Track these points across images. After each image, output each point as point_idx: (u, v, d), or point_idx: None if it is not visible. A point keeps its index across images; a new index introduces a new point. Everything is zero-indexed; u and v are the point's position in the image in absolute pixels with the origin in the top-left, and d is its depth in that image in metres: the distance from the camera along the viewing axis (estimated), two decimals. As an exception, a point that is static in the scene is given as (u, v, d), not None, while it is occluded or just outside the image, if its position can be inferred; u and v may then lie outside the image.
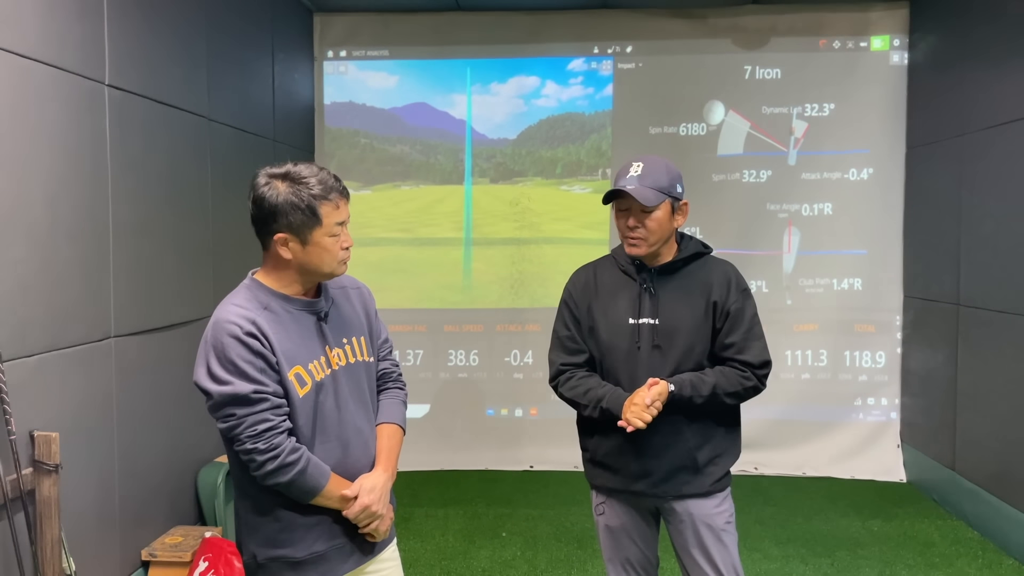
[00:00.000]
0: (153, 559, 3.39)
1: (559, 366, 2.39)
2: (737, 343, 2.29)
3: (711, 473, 2.33)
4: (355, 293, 2.08)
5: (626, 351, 2.30)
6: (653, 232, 2.25)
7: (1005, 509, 4.12)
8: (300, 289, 1.92)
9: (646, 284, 2.32)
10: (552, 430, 5.56)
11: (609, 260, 2.44)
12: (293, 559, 1.89)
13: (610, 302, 2.34)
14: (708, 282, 2.32)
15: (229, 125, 4.19)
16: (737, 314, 2.29)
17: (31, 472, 2.66)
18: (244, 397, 1.76)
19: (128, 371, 3.27)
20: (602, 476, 2.41)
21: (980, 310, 4.41)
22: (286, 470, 1.79)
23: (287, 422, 1.82)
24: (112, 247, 3.16)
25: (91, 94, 3.04)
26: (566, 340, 2.39)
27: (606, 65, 5.63)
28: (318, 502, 1.87)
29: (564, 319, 2.41)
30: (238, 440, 1.78)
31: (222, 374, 1.77)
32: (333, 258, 1.87)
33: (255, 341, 1.79)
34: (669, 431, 2.27)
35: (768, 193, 5.56)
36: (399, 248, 5.75)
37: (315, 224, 1.82)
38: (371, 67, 5.71)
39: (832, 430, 5.52)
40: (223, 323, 1.80)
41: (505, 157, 5.76)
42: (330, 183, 1.85)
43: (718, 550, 2.33)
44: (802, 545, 4.20)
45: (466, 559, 4.06)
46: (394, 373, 2.16)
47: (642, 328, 2.29)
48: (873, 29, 5.42)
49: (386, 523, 1.99)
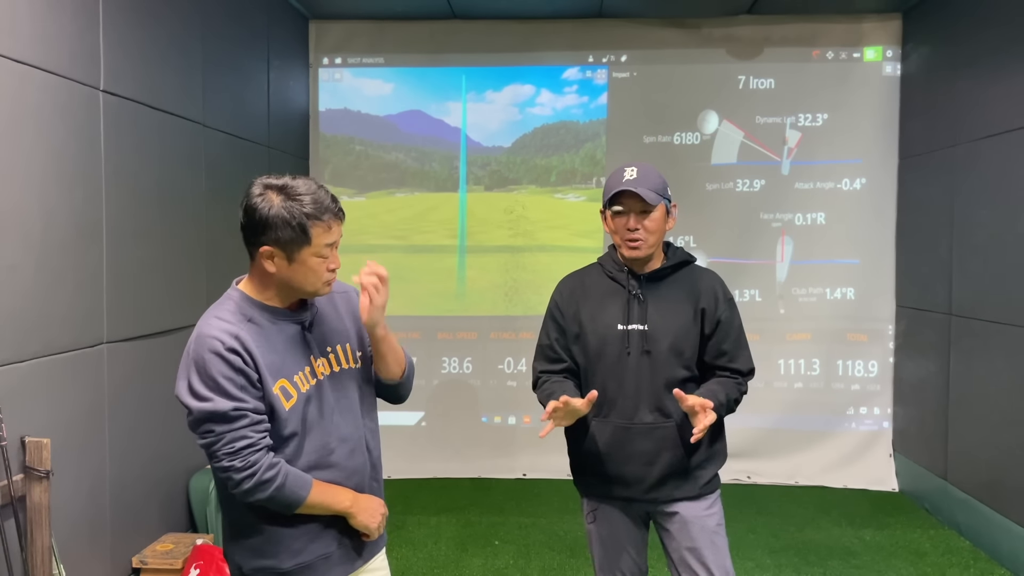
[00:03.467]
0: (144, 566, 3.37)
1: (538, 373, 2.45)
2: (729, 352, 2.35)
3: (701, 476, 2.36)
4: (341, 298, 2.04)
5: (615, 357, 2.32)
6: (653, 232, 2.30)
7: (997, 519, 4.13)
8: (283, 301, 1.89)
9: (635, 291, 2.34)
10: (546, 438, 5.54)
11: (596, 268, 2.47)
12: (279, 570, 1.88)
13: (599, 309, 2.37)
14: (696, 290, 2.36)
15: (224, 131, 4.19)
16: (727, 323, 2.35)
17: (22, 478, 2.65)
18: (223, 414, 1.74)
19: (120, 377, 3.26)
20: (592, 484, 2.43)
21: (972, 320, 4.43)
22: (264, 487, 1.77)
23: (267, 439, 1.79)
24: (105, 253, 3.15)
25: (86, 100, 3.03)
26: (546, 349, 2.44)
27: (601, 74, 5.65)
28: (304, 511, 1.85)
29: (547, 329, 2.45)
30: (215, 457, 1.77)
31: (202, 390, 1.75)
32: (318, 279, 1.84)
33: (236, 357, 1.76)
34: (659, 438, 2.30)
35: (761, 202, 5.58)
36: (393, 255, 5.74)
37: (303, 243, 1.78)
38: (366, 74, 5.72)
39: (824, 439, 5.52)
40: (205, 338, 1.78)
41: (500, 165, 5.77)
42: (325, 203, 1.80)
43: (710, 552, 2.34)
44: (795, 554, 4.21)
45: (458, 567, 4.05)
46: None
47: (631, 334, 2.32)
48: (866, 40, 5.46)
49: (376, 519, 1.96)
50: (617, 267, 2.39)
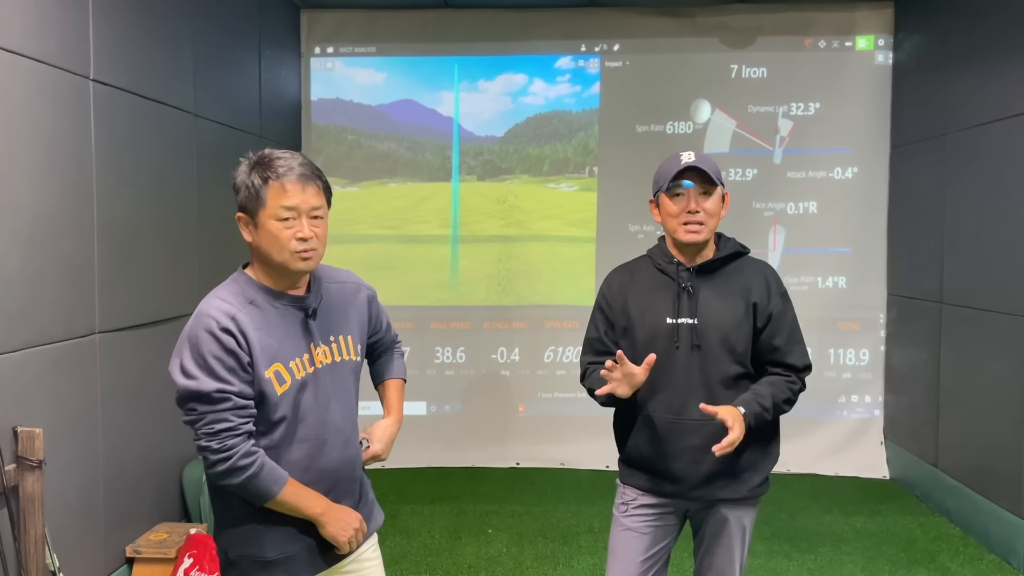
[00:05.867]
0: (138, 555, 3.37)
1: (585, 365, 2.37)
2: (781, 347, 2.26)
3: (749, 479, 2.28)
4: (353, 292, 2.03)
5: (664, 351, 2.22)
6: (712, 215, 2.21)
7: (987, 505, 4.16)
8: (283, 282, 1.86)
9: (685, 284, 2.26)
10: (538, 427, 5.58)
11: (645, 260, 2.38)
12: (262, 559, 1.86)
13: (647, 302, 2.29)
14: (747, 282, 2.27)
15: (215, 121, 4.17)
16: (780, 317, 2.26)
17: (14, 468, 2.65)
18: (206, 395, 1.74)
19: (113, 367, 3.26)
20: (636, 476, 2.35)
21: (963, 308, 4.45)
22: (236, 473, 1.75)
23: (249, 424, 1.78)
24: (97, 242, 3.14)
25: (76, 89, 3.02)
26: (595, 342, 2.36)
27: (593, 63, 5.64)
28: (273, 507, 1.82)
29: (596, 322, 2.37)
30: (196, 435, 1.77)
31: (191, 368, 1.76)
32: (282, 247, 1.78)
33: (229, 338, 1.75)
34: (710, 434, 2.18)
35: (754, 191, 5.58)
36: (386, 245, 5.74)
37: (259, 205, 1.78)
38: (358, 63, 5.70)
39: (816, 427, 5.54)
40: (202, 316, 1.78)
41: (492, 154, 5.76)
42: (289, 165, 1.78)
43: (739, 552, 2.32)
44: (786, 541, 4.23)
45: (452, 556, 4.06)
46: (390, 336, 2.19)
47: (681, 328, 2.23)
48: (858, 29, 5.46)
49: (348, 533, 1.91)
50: (667, 259, 2.30)
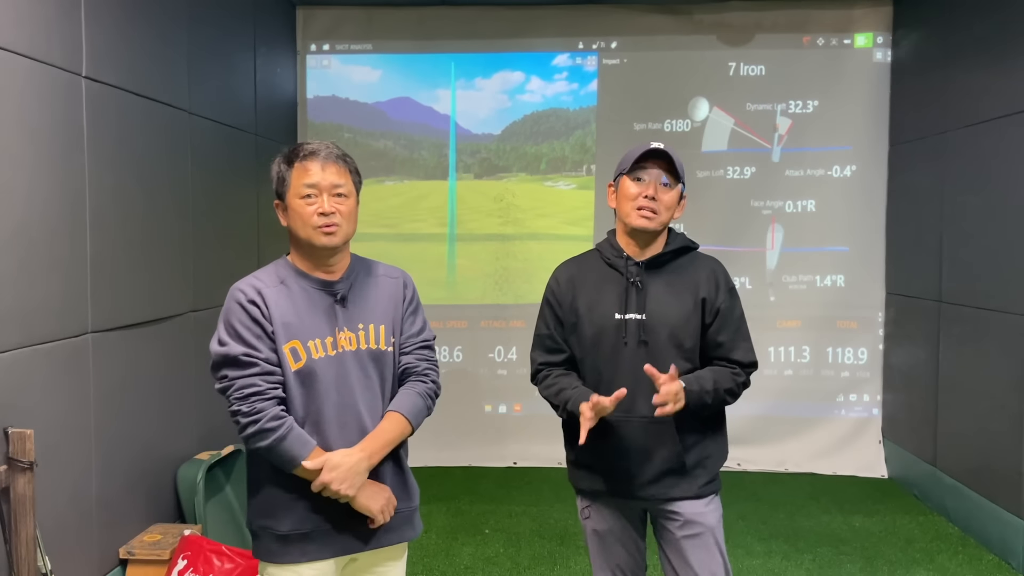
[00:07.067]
0: (131, 557, 3.34)
1: (538, 364, 2.36)
2: (726, 343, 2.25)
3: (699, 476, 2.26)
4: (390, 283, 2.07)
5: (612, 347, 2.22)
6: (667, 208, 2.22)
7: (985, 505, 4.15)
8: (316, 265, 1.97)
9: (633, 278, 2.25)
10: (536, 426, 5.55)
11: (594, 254, 2.37)
12: (276, 532, 1.94)
13: (595, 297, 2.28)
14: (696, 278, 2.26)
15: (210, 119, 4.14)
16: (727, 313, 2.25)
17: (5, 469, 2.62)
18: (235, 359, 1.86)
19: (106, 367, 3.23)
20: (587, 479, 2.33)
21: (962, 307, 4.44)
22: (264, 435, 1.83)
23: (278, 390, 1.88)
24: (89, 241, 3.11)
25: (67, 86, 2.98)
26: (545, 339, 2.35)
27: (591, 61, 5.61)
28: (300, 474, 1.88)
29: (545, 317, 2.36)
30: (228, 401, 1.87)
31: (224, 336, 1.90)
32: (305, 223, 1.91)
33: (255, 308, 1.90)
34: (656, 432, 2.19)
35: (752, 190, 5.57)
36: (383, 244, 5.71)
37: (286, 188, 1.94)
38: (355, 61, 5.67)
39: (814, 426, 5.54)
40: (235, 291, 1.94)
41: (489, 153, 5.74)
42: (313, 149, 1.93)
43: (703, 553, 2.26)
44: (784, 541, 4.22)
45: (448, 556, 4.04)
46: (418, 368, 2.09)
47: (628, 324, 2.22)
48: (857, 26, 5.44)
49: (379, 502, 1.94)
50: (616, 253, 2.29)
